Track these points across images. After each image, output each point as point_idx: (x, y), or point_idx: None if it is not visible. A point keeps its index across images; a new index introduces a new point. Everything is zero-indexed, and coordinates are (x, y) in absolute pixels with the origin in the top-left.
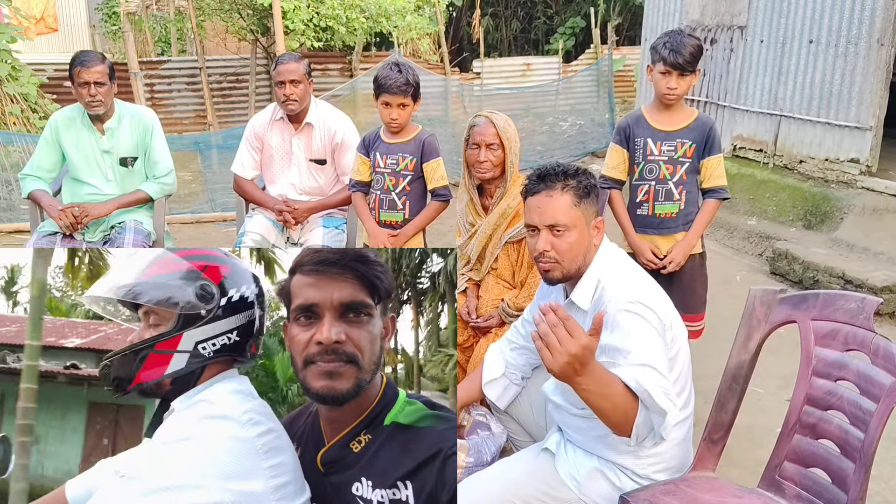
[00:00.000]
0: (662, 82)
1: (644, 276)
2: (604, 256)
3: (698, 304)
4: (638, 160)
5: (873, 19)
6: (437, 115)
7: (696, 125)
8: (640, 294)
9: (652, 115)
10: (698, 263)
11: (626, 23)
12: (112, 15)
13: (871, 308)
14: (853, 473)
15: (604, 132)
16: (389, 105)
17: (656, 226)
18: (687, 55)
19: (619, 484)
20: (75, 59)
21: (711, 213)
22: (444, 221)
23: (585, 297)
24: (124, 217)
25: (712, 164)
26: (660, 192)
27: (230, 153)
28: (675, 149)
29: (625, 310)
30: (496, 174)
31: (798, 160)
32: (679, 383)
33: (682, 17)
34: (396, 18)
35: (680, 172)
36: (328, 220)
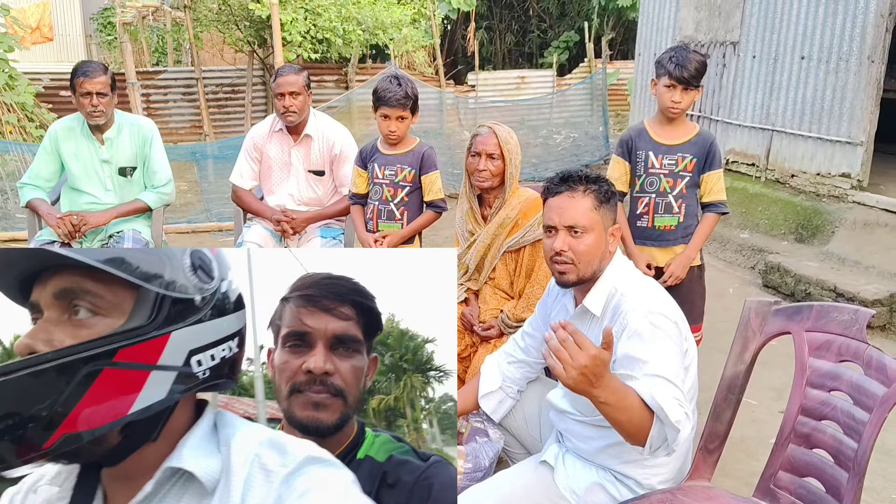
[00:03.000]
0: (667, 96)
1: (660, 287)
2: (618, 265)
3: (696, 315)
4: (639, 172)
5: (864, 36)
6: (432, 128)
7: (697, 140)
8: (660, 304)
9: (654, 129)
10: (697, 276)
11: (620, 37)
12: (108, 25)
13: (864, 320)
14: (847, 483)
15: (598, 145)
16: (388, 118)
17: (655, 238)
18: (692, 70)
19: (619, 495)
20: (77, 69)
21: (711, 226)
22: (440, 232)
23: (598, 303)
24: (123, 226)
25: (712, 179)
26: (659, 205)
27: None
28: (676, 163)
29: (647, 320)
30: (495, 184)
31: (790, 174)
32: (689, 394)
33: (676, 32)
34: (392, 31)
35: (680, 186)
36: (326, 231)
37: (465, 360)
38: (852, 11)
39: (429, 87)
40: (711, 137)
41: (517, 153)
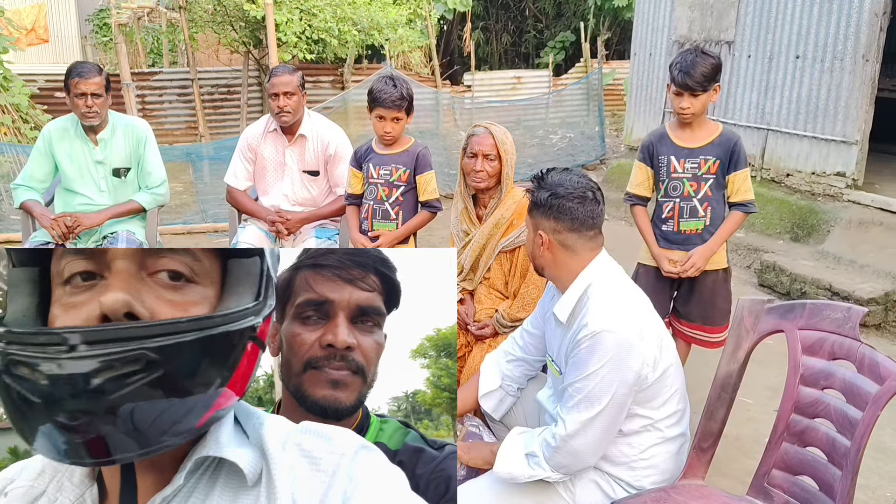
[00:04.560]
0: (676, 102)
1: (627, 294)
2: (592, 272)
3: (719, 317)
4: (662, 177)
5: (858, 35)
6: (427, 128)
7: (719, 141)
8: (611, 321)
9: (675, 133)
10: (722, 278)
11: (616, 37)
12: (103, 26)
13: (857, 318)
14: (840, 480)
15: (594, 145)
16: (383, 118)
17: (681, 242)
18: (697, 76)
19: (613, 494)
20: (72, 69)
21: (737, 223)
22: (435, 233)
23: (564, 311)
24: (117, 227)
25: (739, 179)
26: (685, 210)
27: (221, 164)
28: (699, 166)
29: (588, 340)
30: (491, 184)
31: (785, 174)
32: (673, 400)
33: (671, 32)
34: (388, 31)
35: (704, 189)
36: (321, 231)
37: (461, 360)
38: (847, 10)
39: (425, 88)
40: (735, 137)
41: (513, 153)
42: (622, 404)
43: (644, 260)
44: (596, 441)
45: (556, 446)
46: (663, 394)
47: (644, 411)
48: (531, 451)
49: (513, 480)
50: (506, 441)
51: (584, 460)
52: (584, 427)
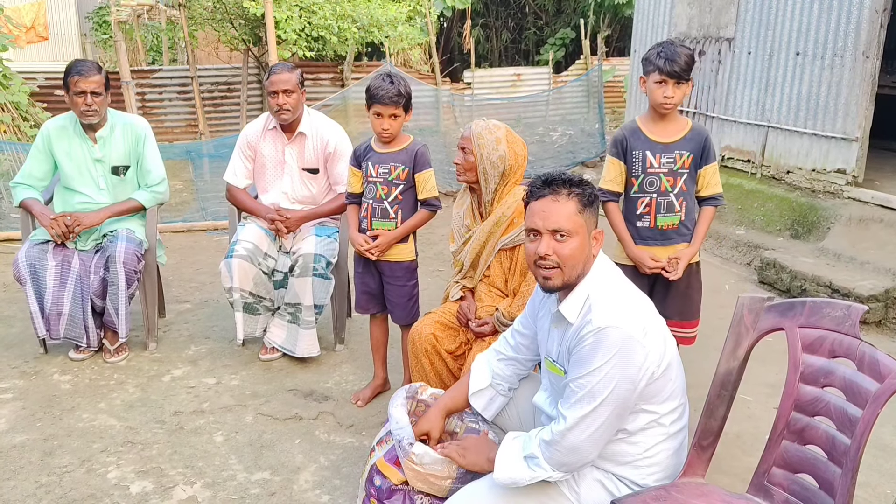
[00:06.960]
0: (658, 92)
1: (630, 292)
2: (596, 271)
3: (693, 311)
4: (636, 172)
5: (858, 32)
6: (427, 125)
7: (692, 135)
8: (616, 317)
9: (648, 127)
10: (694, 272)
11: (616, 34)
12: (103, 24)
13: (856, 316)
14: (840, 478)
15: (594, 142)
16: (381, 115)
17: (658, 238)
18: (682, 63)
19: (617, 492)
20: (71, 67)
21: (710, 220)
22: (435, 230)
23: (573, 310)
24: (116, 226)
25: (709, 173)
26: (661, 205)
27: (221, 162)
28: (675, 160)
29: (594, 335)
30: (469, 178)
31: (785, 171)
32: (675, 394)
33: (671, 28)
34: (388, 29)
35: (680, 184)
36: (321, 229)
37: (460, 359)
38: (847, 7)
39: (424, 85)
40: (706, 132)
41: (493, 149)
42: (624, 400)
43: (618, 259)
44: (595, 436)
45: (555, 441)
46: (667, 388)
47: (650, 406)
48: (530, 454)
49: (515, 485)
50: (502, 447)
51: (583, 456)
52: (584, 421)
